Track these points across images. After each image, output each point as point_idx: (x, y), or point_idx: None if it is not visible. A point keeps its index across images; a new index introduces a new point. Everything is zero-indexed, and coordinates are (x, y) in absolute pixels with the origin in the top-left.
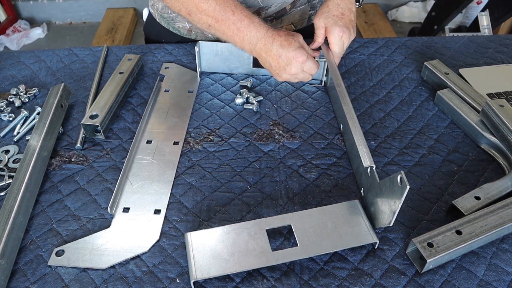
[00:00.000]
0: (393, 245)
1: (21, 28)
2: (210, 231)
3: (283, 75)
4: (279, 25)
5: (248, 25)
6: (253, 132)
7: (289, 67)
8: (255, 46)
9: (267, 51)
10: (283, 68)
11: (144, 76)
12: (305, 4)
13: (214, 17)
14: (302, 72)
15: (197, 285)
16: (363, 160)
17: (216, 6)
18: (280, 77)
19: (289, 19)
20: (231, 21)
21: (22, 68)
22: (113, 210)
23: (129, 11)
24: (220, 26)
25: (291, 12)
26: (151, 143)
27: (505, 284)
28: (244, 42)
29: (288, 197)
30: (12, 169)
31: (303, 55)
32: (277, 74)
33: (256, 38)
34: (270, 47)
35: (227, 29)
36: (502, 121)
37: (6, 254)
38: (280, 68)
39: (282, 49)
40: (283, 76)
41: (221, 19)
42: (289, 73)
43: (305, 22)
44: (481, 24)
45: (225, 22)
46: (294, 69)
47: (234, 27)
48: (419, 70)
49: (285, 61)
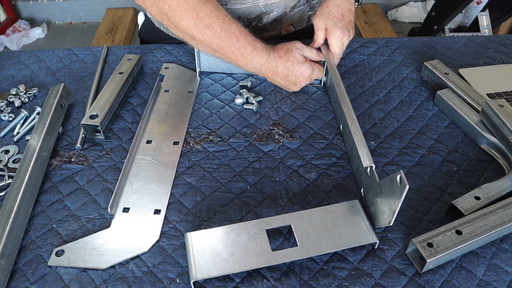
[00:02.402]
0: (393, 245)
1: (21, 28)
2: (210, 231)
3: (294, 89)
4: (278, 26)
5: (251, 52)
6: (253, 132)
7: (298, 83)
8: (259, 71)
9: (274, 73)
10: (293, 84)
11: (144, 76)
12: (304, 5)
13: (219, 44)
14: (311, 80)
15: (197, 285)
16: (363, 160)
17: (222, 32)
18: (291, 90)
19: (288, 20)
20: (235, 47)
21: (22, 68)
22: (113, 210)
23: (129, 11)
24: (224, 52)
25: (291, 13)
26: (151, 143)
27: (505, 284)
28: (248, 67)
29: (288, 197)
30: (12, 169)
31: (308, 69)
32: (288, 89)
33: (260, 63)
34: (275, 70)
35: (231, 55)
36: (502, 121)
37: (6, 254)
38: (290, 84)
39: (287, 70)
40: (294, 89)
41: (226, 46)
42: (299, 87)
43: (304, 22)
44: (481, 24)
45: (230, 49)
46: (303, 83)
47: (238, 53)
48: (419, 70)
49: (293, 79)
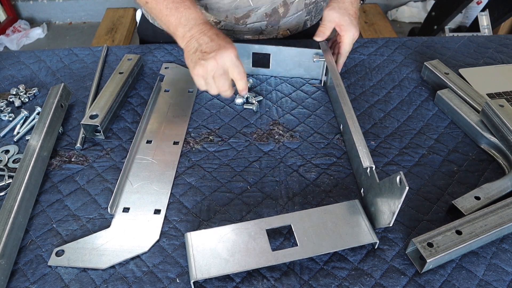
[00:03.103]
0: (393, 245)
1: (21, 28)
2: (210, 231)
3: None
4: (275, 32)
5: (189, 7)
6: (253, 132)
7: (216, 54)
8: (191, 28)
9: (201, 34)
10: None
11: (144, 76)
12: (302, 10)
13: None
14: (224, 74)
15: (197, 285)
16: (363, 160)
17: None
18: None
19: (286, 25)
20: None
21: (22, 68)
22: (113, 210)
23: (129, 11)
24: (157, 3)
25: (287, 18)
26: (151, 143)
27: (505, 284)
28: (180, 23)
29: (288, 197)
30: (12, 169)
31: (234, 49)
32: (198, 59)
33: (195, 20)
34: (206, 31)
35: (164, 8)
36: (502, 121)
37: (6, 254)
38: (205, 53)
39: (216, 37)
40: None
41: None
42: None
43: (301, 27)
44: (481, 24)
45: (164, 0)
46: (220, 58)
47: (172, 6)
48: (419, 70)
49: (215, 47)
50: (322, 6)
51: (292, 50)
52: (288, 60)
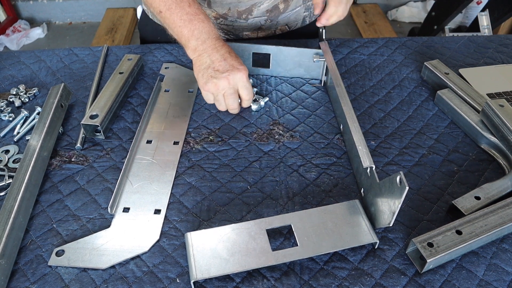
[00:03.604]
0: (393, 245)
1: (21, 28)
2: (210, 231)
3: (216, 81)
4: (274, 27)
5: (203, 20)
6: (253, 132)
7: (229, 74)
8: (204, 42)
9: (214, 50)
10: (222, 73)
11: (144, 76)
12: (300, 6)
13: (168, 4)
14: (234, 94)
15: (197, 285)
16: (363, 160)
17: None
18: (211, 82)
19: (284, 21)
20: (185, 11)
21: (22, 68)
22: (113, 210)
23: (129, 11)
24: (171, 14)
25: (286, 13)
26: (151, 143)
27: (505, 284)
28: (193, 35)
29: (288, 197)
30: (12, 169)
31: (246, 70)
32: (210, 77)
33: (208, 34)
34: (219, 48)
35: (178, 19)
36: (502, 121)
37: (6, 254)
38: (218, 72)
39: (229, 55)
40: (215, 83)
41: (174, 8)
42: (225, 81)
43: (299, 23)
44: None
45: (178, 12)
46: (232, 79)
47: (186, 18)
48: (419, 70)
49: (228, 67)
50: None
51: (292, 50)
52: (288, 60)
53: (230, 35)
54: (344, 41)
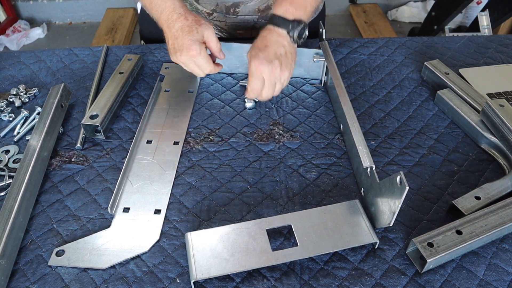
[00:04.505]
0: (393, 245)
1: (21, 28)
2: (210, 231)
3: (174, 58)
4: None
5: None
6: (253, 132)
7: (180, 54)
8: (159, 16)
9: (169, 27)
10: (175, 51)
11: (144, 76)
12: None
13: None
14: (194, 65)
15: (197, 285)
16: (363, 160)
17: None
18: (172, 57)
19: None
20: None
21: (22, 68)
22: (113, 210)
23: (129, 11)
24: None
25: None
26: (151, 143)
27: (505, 284)
28: (152, 7)
29: (288, 197)
30: (12, 169)
31: (195, 50)
32: (170, 53)
33: (163, 8)
34: (172, 24)
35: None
36: (502, 121)
37: (6, 254)
38: (172, 49)
39: (180, 33)
40: (175, 58)
41: None
42: (179, 59)
43: None
44: (481, 24)
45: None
46: (183, 58)
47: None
48: (419, 70)
49: (178, 46)
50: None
51: None
52: None
53: (225, 33)
54: (344, 41)
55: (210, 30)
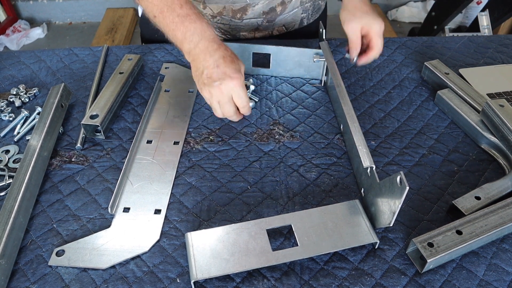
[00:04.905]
0: (394, 245)
1: (21, 28)
2: (210, 231)
3: (210, 89)
4: (271, 28)
5: (194, 21)
6: (253, 132)
7: (220, 83)
8: (196, 44)
9: (207, 55)
10: (213, 81)
11: (144, 76)
12: (298, 7)
13: (160, 7)
14: (229, 102)
15: (198, 285)
16: (363, 160)
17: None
18: (204, 89)
19: (281, 22)
20: (176, 13)
21: (22, 68)
22: (113, 210)
23: (129, 11)
24: (164, 18)
25: (283, 15)
26: (151, 143)
27: (505, 284)
28: (185, 38)
29: (288, 197)
30: (12, 169)
31: (240, 78)
32: (203, 84)
33: (201, 36)
34: (212, 53)
35: (170, 22)
36: (502, 121)
37: (6, 254)
38: (210, 79)
39: (223, 61)
40: (208, 90)
41: (166, 11)
42: (217, 90)
43: (297, 24)
44: (481, 24)
45: (169, 15)
46: (225, 88)
47: (178, 20)
48: (419, 70)
49: (221, 75)
50: (320, 5)
51: (292, 50)
52: (288, 60)
53: (227, 35)
54: (344, 41)
55: (244, 65)
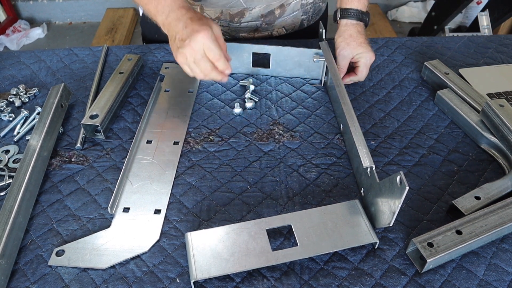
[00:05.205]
0: (393, 245)
1: (21, 28)
2: (210, 231)
3: (182, 50)
4: (270, 29)
5: None
6: (253, 132)
7: (190, 40)
8: (168, 15)
9: (177, 20)
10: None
11: (144, 76)
12: (298, 10)
13: None
14: (203, 58)
15: (197, 285)
16: (363, 160)
17: None
18: (179, 53)
19: (281, 24)
20: None
21: (22, 68)
22: (113, 210)
23: (129, 11)
24: None
25: (283, 18)
26: (151, 143)
27: (505, 284)
28: (157, 11)
29: (288, 197)
30: (12, 169)
31: (207, 30)
32: (177, 48)
33: (170, 7)
34: (181, 17)
35: None
36: (502, 121)
37: (6, 254)
38: (181, 41)
39: (190, 22)
40: (182, 52)
41: None
42: (189, 48)
43: (297, 26)
44: (481, 24)
45: None
46: (194, 43)
47: None
48: (419, 70)
49: (189, 32)
50: (321, 7)
51: (292, 50)
52: (288, 60)
53: (227, 36)
54: None
55: (219, 27)
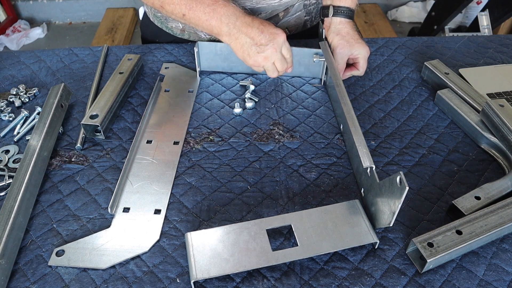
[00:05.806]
0: (393, 245)
1: (21, 28)
2: (210, 231)
3: (264, 54)
4: None
5: (224, 5)
6: (253, 132)
7: (273, 43)
8: (234, 24)
9: (247, 27)
10: (266, 44)
11: (144, 76)
12: (301, 10)
13: (186, 4)
14: (282, 57)
15: (197, 285)
16: (363, 160)
17: None
18: (259, 57)
19: (284, 25)
20: (205, 4)
21: (22, 68)
22: (113, 210)
23: (129, 11)
24: (194, 12)
25: (286, 18)
26: (151, 143)
27: (505, 284)
28: (222, 22)
29: (288, 197)
30: (12, 169)
31: (284, 34)
32: (256, 53)
33: (235, 15)
34: (251, 24)
35: (202, 14)
36: (502, 121)
37: (6, 254)
38: (262, 45)
39: (264, 26)
40: (263, 56)
41: (195, 5)
42: (271, 51)
43: (300, 27)
44: (481, 24)
45: (199, 7)
46: (277, 46)
47: (209, 10)
48: (419, 70)
49: (269, 36)
50: None
51: (292, 50)
52: None
53: None
54: None
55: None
